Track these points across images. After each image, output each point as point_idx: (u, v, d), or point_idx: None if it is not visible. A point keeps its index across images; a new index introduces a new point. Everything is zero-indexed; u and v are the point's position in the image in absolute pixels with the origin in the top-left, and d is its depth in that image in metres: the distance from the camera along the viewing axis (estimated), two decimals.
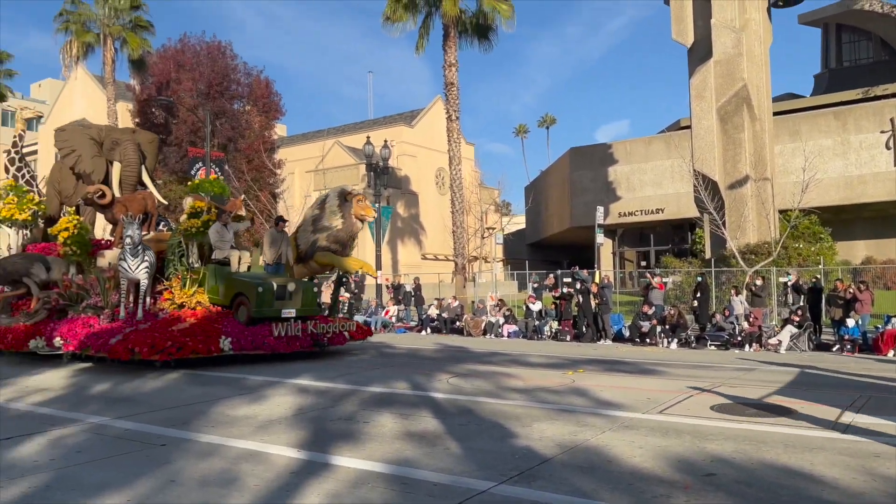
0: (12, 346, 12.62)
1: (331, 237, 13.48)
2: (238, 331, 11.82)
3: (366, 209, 13.74)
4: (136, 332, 11.32)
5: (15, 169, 17.83)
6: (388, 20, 28.07)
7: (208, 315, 12.20)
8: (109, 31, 34.29)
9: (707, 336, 17.10)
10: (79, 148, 16.06)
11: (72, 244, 14.00)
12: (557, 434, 6.24)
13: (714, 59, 24.15)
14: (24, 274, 13.63)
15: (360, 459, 5.39)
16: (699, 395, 8.49)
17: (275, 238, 13.41)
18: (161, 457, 5.52)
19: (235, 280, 12.60)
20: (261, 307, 12.06)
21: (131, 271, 12.20)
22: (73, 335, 11.77)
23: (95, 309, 12.63)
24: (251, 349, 11.80)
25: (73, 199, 16.67)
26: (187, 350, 10.99)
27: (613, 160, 39.79)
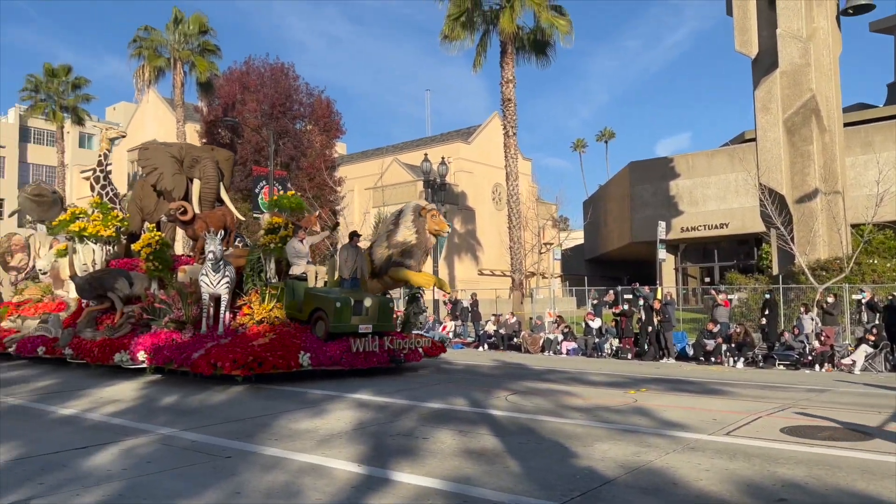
0: (99, 360, 12.82)
1: (405, 252, 13.49)
2: (316, 346, 11.77)
3: (440, 224, 13.73)
4: (217, 346, 11.34)
5: (100, 187, 18.43)
6: (446, 38, 28.37)
7: (287, 330, 12.17)
8: (179, 56, 35.77)
9: (775, 355, 16.52)
10: (160, 166, 16.49)
11: (154, 259, 14.29)
12: (620, 455, 6.11)
13: (780, 69, 23.48)
14: (109, 289, 13.89)
15: (420, 476, 5.40)
16: (768, 417, 8.20)
17: (350, 253, 13.43)
18: (227, 469, 5.65)
19: (313, 295, 12.59)
20: (338, 322, 12.02)
21: (212, 286, 12.33)
22: (156, 349, 11.91)
23: (177, 323, 12.76)
24: (329, 364, 11.73)
25: (154, 215, 17.13)
26: (268, 365, 10.94)
27: (675, 174, 39.01)
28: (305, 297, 12.63)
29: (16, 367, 14.05)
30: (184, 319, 12.79)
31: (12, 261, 19.70)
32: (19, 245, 19.88)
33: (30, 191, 20.75)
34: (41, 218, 20.56)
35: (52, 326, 14.60)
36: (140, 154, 16.93)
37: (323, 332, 12.10)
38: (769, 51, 24.19)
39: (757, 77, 24.82)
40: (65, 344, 13.61)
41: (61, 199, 21.39)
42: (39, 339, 14.43)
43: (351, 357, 11.93)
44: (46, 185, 22.06)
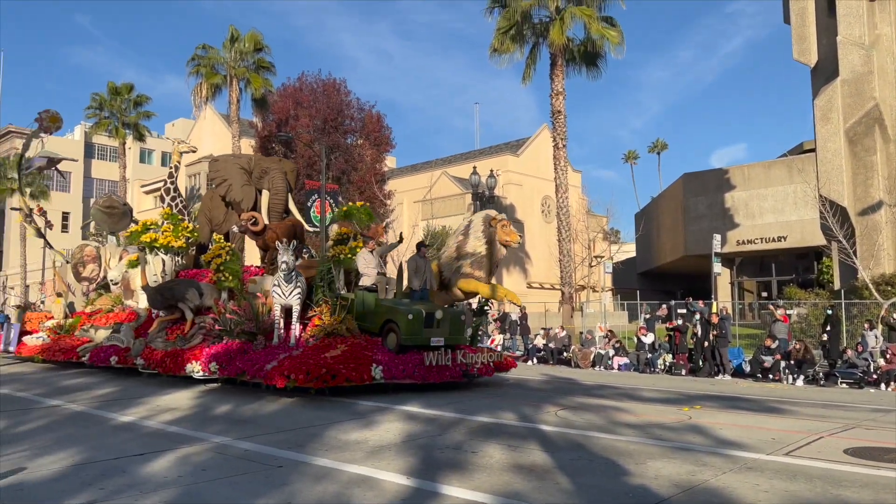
0: (170, 370, 12.77)
1: (475, 263, 13.20)
2: (388, 359, 11.46)
3: (510, 234, 13.33)
4: (290, 358, 11.09)
5: (170, 199, 18.67)
6: (496, 52, 28.49)
7: (358, 342, 11.88)
8: (235, 73, 36.80)
9: (837, 373, 15.92)
10: (230, 177, 16.59)
11: (224, 270, 14.29)
12: (674, 473, 5.96)
13: (841, 78, 22.78)
14: (180, 299, 13.99)
15: (469, 490, 5.36)
16: (830, 437, 7.89)
17: (418, 264, 13.19)
18: (278, 478, 5.72)
19: (385, 307, 12.41)
20: (410, 335, 11.73)
21: (284, 297, 12.18)
22: (228, 360, 11.82)
23: (249, 334, 12.61)
24: (402, 378, 11.36)
25: (223, 226, 17.27)
26: (341, 378, 10.66)
27: (730, 186, 38.14)
28: (376, 309, 12.45)
29: (78, 375, 14.55)
30: (255, 330, 12.64)
31: (84, 271, 20.12)
32: (91, 256, 20.32)
33: (101, 203, 21.19)
34: (112, 229, 21.03)
35: (124, 336, 14.78)
36: (210, 166, 17.13)
37: (394, 344, 11.84)
38: (829, 59, 23.51)
39: (816, 86, 24.15)
40: (137, 354, 13.77)
41: (131, 211, 21.89)
42: (112, 348, 14.61)
43: (424, 371, 11.57)
44: (117, 197, 22.54)
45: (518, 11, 27.58)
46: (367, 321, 12.46)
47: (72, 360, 15.50)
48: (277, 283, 12.23)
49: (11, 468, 6.00)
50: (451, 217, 37.98)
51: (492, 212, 14.04)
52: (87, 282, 20.09)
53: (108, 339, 14.99)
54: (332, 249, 13.58)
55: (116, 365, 14.22)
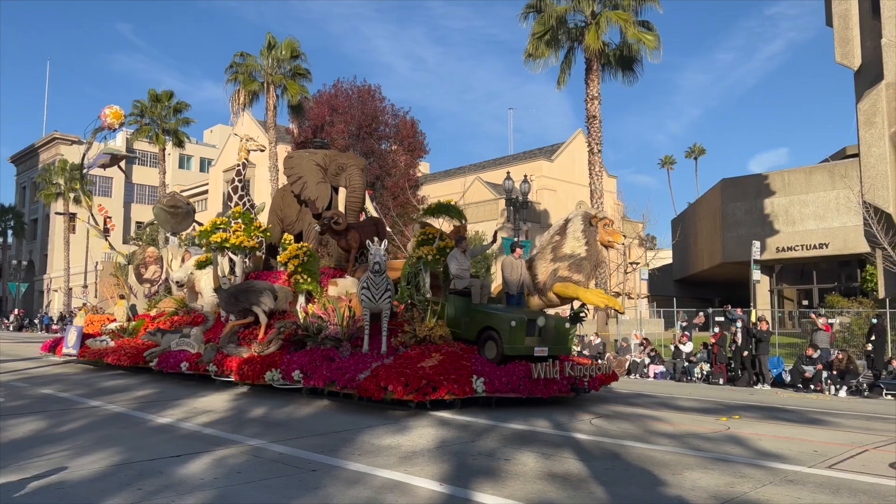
0: (248, 378, 11.94)
1: (573, 266, 12.20)
2: (490, 370, 10.41)
3: (613, 234, 12.39)
4: (383, 367, 10.27)
5: (237, 197, 17.79)
6: (530, 57, 28.40)
7: (452, 350, 10.84)
8: (272, 80, 37.32)
9: (882, 384, 15.47)
10: (305, 174, 15.76)
11: (302, 272, 13.45)
12: (711, 484, 5.84)
13: (886, 81, 22.19)
14: (254, 302, 13.27)
15: (502, 498, 5.32)
16: (875, 450, 7.66)
17: (514, 266, 12.22)
18: (312, 482, 5.75)
19: (483, 312, 11.42)
20: (513, 344, 10.73)
21: (375, 301, 11.23)
22: (313, 369, 10.98)
23: (334, 341, 11.72)
24: (506, 392, 10.31)
25: (295, 226, 16.52)
26: (442, 391, 9.67)
27: (770, 191, 37.40)
28: (473, 315, 11.50)
29: (118, 377, 14.84)
30: (340, 336, 11.75)
31: (146, 273, 19.73)
32: (153, 257, 19.96)
33: (165, 202, 20.66)
34: (174, 229, 20.63)
35: (195, 341, 14.10)
36: (285, 162, 16.32)
37: (494, 354, 10.85)
38: (873, 62, 22.93)
39: (860, 90, 23.57)
40: (209, 360, 12.99)
41: (194, 211, 21.39)
42: (182, 354, 13.87)
43: (530, 384, 10.46)
44: (181, 197, 21.97)
45: (553, 16, 27.47)
46: (460, 328, 11.56)
47: (138, 364, 14.94)
48: (367, 286, 11.27)
49: (53, 467, 6.13)
50: (484, 223, 37.90)
51: (591, 210, 13.02)
52: (148, 283, 19.71)
53: (178, 343, 14.28)
54: (417, 250, 12.75)
55: (187, 371, 13.41)
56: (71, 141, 64.95)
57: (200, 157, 70.83)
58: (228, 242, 15.06)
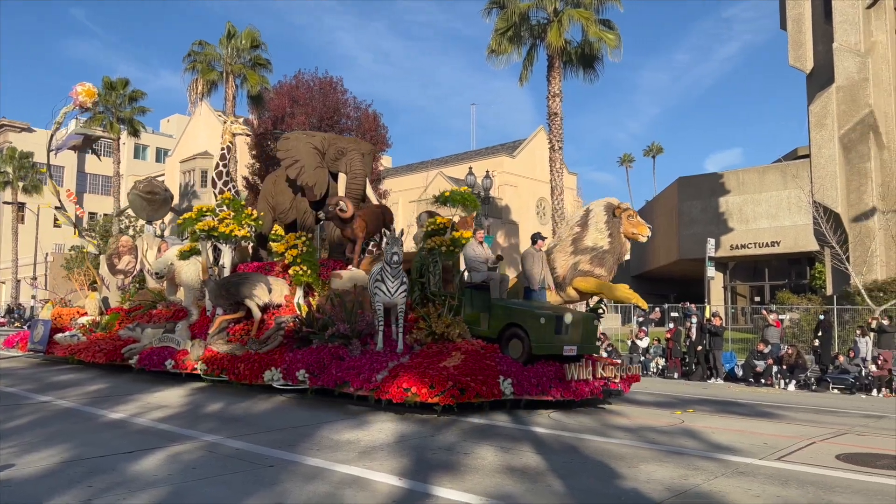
0: (245, 378, 11.02)
1: (595, 259, 11.60)
2: (517, 370, 9.70)
3: (638, 226, 11.75)
4: (402, 367, 9.52)
5: (222, 183, 16.42)
6: (493, 53, 28.48)
7: (473, 349, 10.08)
8: (231, 70, 36.73)
9: (829, 378, 15.98)
10: (301, 158, 14.43)
11: (301, 263, 12.45)
12: (666, 477, 5.95)
13: (836, 84, 22.90)
14: (247, 295, 12.29)
15: (461, 492, 5.34)
16: (822, 443, 7.90)
17: (536, 259, 11.50)
18: (269, 478, 5.68)
19: (508, 308, 10.71)
20: (543, 342, 10.00)
21: (390, 295, 10.32)
22: (321, 368, 10.17)
23: (344, 338, 10.75)
24: (535, 394, 9.62)
25: (288, 214, 15.26)
26: (471, 393, 8.92)
27: (725, 190, 38.28)
28: (495, 310, 10.78)
29: (70, 371, 14.43)
30: (349, 333, 10.79)
31: (119, 263, 18.42)
32: (127, 247, 18.69)
33: (141, 188, 19.12)
34: (150, 217, 19.45)
35: (180, 337, 13.06)
36: (280, 144, 14.95)
37: (520, 353, 10.13)
38: (825, 65, 23.62)
39: (812, 92, 24.27)
40: (197, 357, 12.13)
41: (171, 198, 20.07)
42: (166, 351, 12.79)
43: (561, 386, 9.77)
44: (159, 183, 20.45)
45: (516, 13, 27.58)
46: (478, 324, 10.86)
47: (114, 362, 13.84)
48: (381, 279, 10.37)
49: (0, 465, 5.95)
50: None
51: (614, 200, 12.35)
52: (122, 275, 18.38)
53: (161, 339, 13.26)
54: (428, 241, 12.02)
55: (173, 370, 12.37)
56: (20, 128, 62.91)
57: (157, 146, 69.30)
58: (217, 231, 13.90)
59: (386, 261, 10.30)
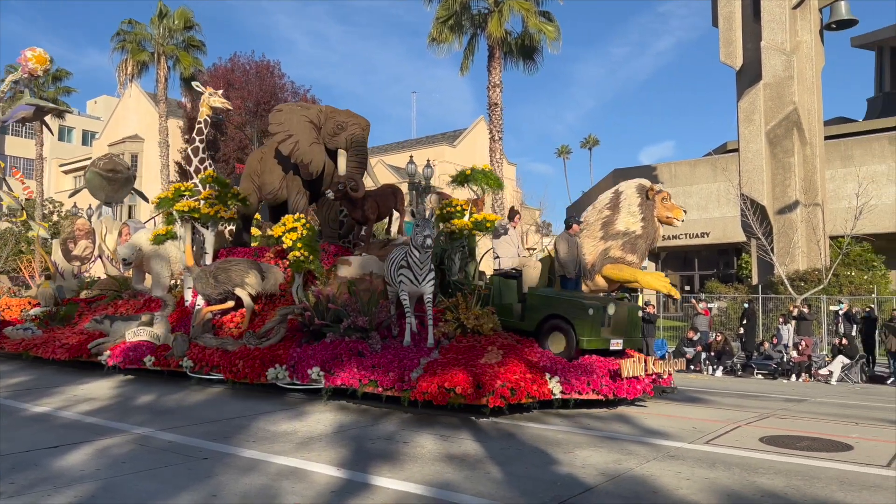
0: (245, 377, 9.84)
1: (627, 245, 10.87)
2: (563, 367, 8.83)
3: (673, 210, 11.14)
4: (437, 364, 8.57)
5: (198, 161, 15.04)
6: (434, 41, 28.39)
7: (508, 343, 9.29)
8: (163, 51, 35.47)
9: (754, 364, 16.67)
10: (296, 132, 13.04)
11: (302, 248, 11.26)
12: (601, 462, 6.10)
13: (763, 81, 23.77)
14: (238, 284, 11.24)
15: (401, 481, 5.35)
16: (747, 426, 8.24)
17: (571, 244, 10.58)
18: (203, 470, 5.56)
19: (549, 298, 9.89)
20: (592, 336, 9.26)
21: (418, 283, 9.29)
22: (338, 365, 9.08)
23: (361, 331, 9.68)
24: (586, 392, 8.73)
25: (278, 195, 13.85)
26: (522, 393, 8.06)
27: (658, 182, 39.25)
28: (532, 301, 9.97)
29: None
30: (367, 326, 9.74)
31: (75, 248, 17.01)
32: (83, 231, 17.29)
33: (102, 165, 17.55)
34: (109, 198, 17.86)
35: (159, 330, 11.87)
36: (272, 117, 13.56)
37: (563, 347, 9.36)
38: (753, 63, 24.48)
39: (741, 88, 25.11)
40: (182, 354, 10.85)
41: (134, 178, 18.68)
42: (145, 346, 11.52)
43: (613, 384, 8.91)
44: (121, 160, 18.81)
45: (457, 1, 27.54)
46: (510, 315, 10.10)
47: (79, 359, 12.35)
48: (407, 265, 9.37)
49: None
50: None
51: (645, 181, 11.59)
52: (77, 261, 16.99)
53: (135, 333, 11.84)
54: (446, 225, 11.11)
55: (153, 367, 11.13)
56: None
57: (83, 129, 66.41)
58: (199, 213, 12.63)
59: (416, 244, 9.12)
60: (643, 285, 11.33)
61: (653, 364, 9.36)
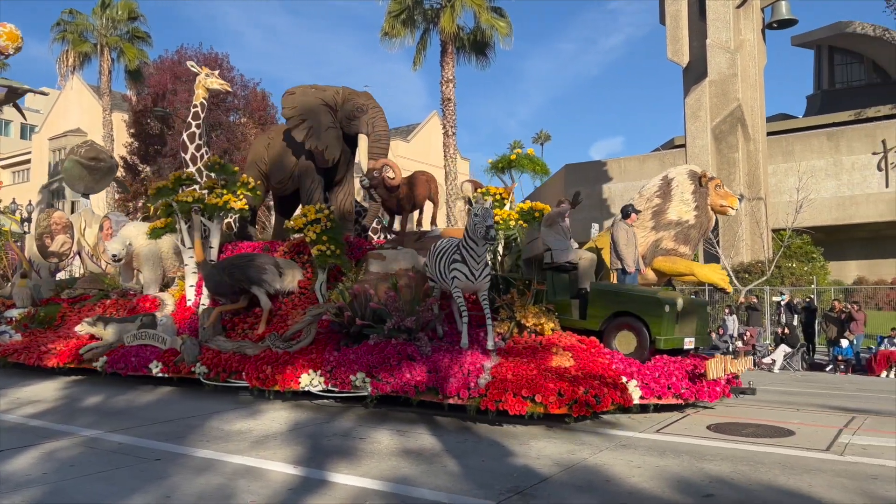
0: (272, 384, 8.80)
1: (679, 236, 10.22)
2: (639, 369, 8.10)
3: (727, 197, 10.42)
4: (503, 368, 7.78)
5: (194, 147, 14.08)
6: (387, 35, 28.27)
7: (574, 344, 8.55)
8: (107, 42, 34.41)
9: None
10: (311, 116, 12.14)
11: (328, 242, 10.33)
12: (555, 453, 6.21)
13: (709, 78, 24.39)
14: (256, 281, 10.29)
15: (358, 476, 5.35)
16: (695, 415, 8.47)
17: (630, 235, 9.92)
18: (156, 472, 5.46)
19: (618, 294, 9.08)
20: (668, 334, 8.54)
21: (474, 279, 8.33)
22: (387, 370, 8.08)
23: (407, 332, 8.72)
24: (667, 396, 8.08)
25: (288, 184, 12.96)
26: (607, 400, 7.33)
27: (608, 177, 39.98)
28: (596, 297, 9.09)
29: None
30: (414, 326, 8.77)
31: (52, 244, 15.63)
32: (61, 224, 15.82)
33: (83, 153, 16.36)
34: (89, 189, 16.78)
35: (166, 333, 10.71)
36: (284, 100, 12.47)
37: (634, 347, 8.61)
38: (699, 60, 25.10)
39: (687, 85, 25.72)
40: (194, 359, 9.86)
41: (116, 167, 17.49)
42: (149, 351, 10.44)
43: (694, 386, 8.25)
44: (103, 148, 17.58)
45: None
46: (568, 313, 9.28)
47: (69, 365, 11.22)
48: (461, 259, 8.35)
49: None
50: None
51: (696, 167, 10.90)
52: (55, 258, 15.75)
53: (137, 336, 10.82)
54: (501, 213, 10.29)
55: (160, 374, 10.10)
56: None
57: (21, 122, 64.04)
58: (205, 203, 11.53)
59: (476, 236, 8.10)
60: (700, 279, 10.70)
61: (730, 364, 8.64)
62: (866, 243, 32.67)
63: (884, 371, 14.99)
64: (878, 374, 14.96)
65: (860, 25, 39.56)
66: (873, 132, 31.58)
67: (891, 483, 5.28)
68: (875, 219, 31.10)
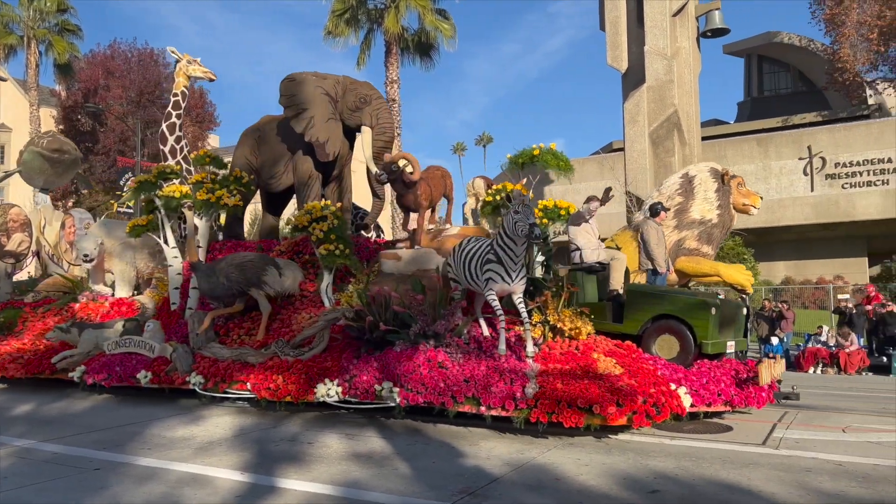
0: (287, 394, 8.04)
1: (703, 235, 9.99)
2: (686, 376, 7.73)
3: (750, 196, 10.18)
4: (552, 377, 7.23)
5: (174, 139, 13.38)
6: (330, 34, 28.01)
7: (615, 350, 8.07)
8: (34, 34, 33.03)
9: None
10: (311, 106, 11.40)
11: (336, 241, 9.66)
12: (505, 452, 6.27)
13: (647, 84, 25.04)
14: (255, 283, 9.54)
15: (307, 482, 5.28)
16: None
17: (661, 235, 9.65)
18: (97, 481, 5.27)
19: (658, 296, 8.74)
20: (713, 338, 8.20)
21: (511, 280, 7.62)
22: (417, 379, 7.40)
23: (434, 338, 8.07)
24: (717, 403, 7.62)
25: (281, 179, 12.19)
26: (666, 410, 6.92)
27: (549, 180, 40.43)
28: (634, 299, 8.71)
29: None
30: (442, 331, 8.16)
31: (8, 243, 14.44)
32: (18, 221, 14.57)
33: (45, 145, 15.23)
34: (49, 183, 15.57)
35: (154, 340, 9.71)
36: (282, 88, 11.66)
37: (677, 352, 8.23)
38: (638, 66, 25.75)
39: (626, 90, 26.35)
40: (188, 368, 9.01)
41: (80, 160, 16.47)
42: (136, 360, 9.48)
43: (742, 392, 7.78)
44: (66, 140, 16.41)
45: None
46: (599, 315, 8.75)
47: (38, 376, 10.25)
48: (496, 259, 7.64)
49: None
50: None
51: (717, 165, 10.60)
52: (11, 258, 14.50)
53: (120, 344, 9.85)
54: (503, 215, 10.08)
55: (150, 385, 9.22)
56: None
57: None
58: (196, 197, 10.79)
59: (516, 234, 7.39)
60: (726, 280, 10.35)
61: (773, 369, 8.25)
62: (794, 245, 34.09)
63: (811, 367, 15.68)
64: (806, 370, 15.65)
65: (787, 36, 41.37)
66: (800, 138, 32.98)
67: (824, 475, 5.53)
68: (801, 221, 32.47)
